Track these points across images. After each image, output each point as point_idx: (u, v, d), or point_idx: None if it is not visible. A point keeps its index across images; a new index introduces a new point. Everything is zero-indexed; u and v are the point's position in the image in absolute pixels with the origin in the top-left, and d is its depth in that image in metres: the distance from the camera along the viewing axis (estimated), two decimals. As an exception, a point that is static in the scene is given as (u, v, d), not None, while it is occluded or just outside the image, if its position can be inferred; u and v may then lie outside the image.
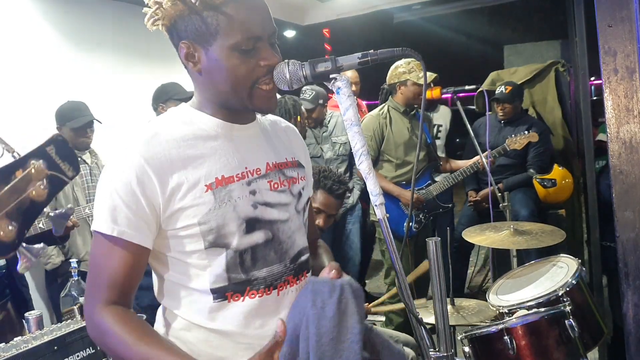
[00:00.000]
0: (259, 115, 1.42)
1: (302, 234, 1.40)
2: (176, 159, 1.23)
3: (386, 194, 3.90)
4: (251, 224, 1.27)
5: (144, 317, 1.95)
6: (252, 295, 1.28)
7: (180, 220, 1.23)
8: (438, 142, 4.81)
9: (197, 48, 1.25)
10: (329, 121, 4.44)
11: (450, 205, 4.32)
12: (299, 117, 3.81)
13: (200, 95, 1.33)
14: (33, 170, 1.13)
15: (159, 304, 1.38)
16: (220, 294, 1.27)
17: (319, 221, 2.56)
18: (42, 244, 1.23)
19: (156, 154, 1.22)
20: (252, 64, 1.24)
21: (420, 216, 4.01)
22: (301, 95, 4.28)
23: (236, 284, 1.27)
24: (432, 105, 4.82)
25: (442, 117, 4.83)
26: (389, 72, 4.05)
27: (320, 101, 4.28)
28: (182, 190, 1.22)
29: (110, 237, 1.21)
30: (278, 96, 4.28)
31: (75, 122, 3.51)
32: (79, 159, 3.62)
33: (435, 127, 4.75)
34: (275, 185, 1.34)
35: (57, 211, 1.37)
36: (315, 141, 4.35)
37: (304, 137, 3.94)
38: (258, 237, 1.29)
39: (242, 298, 1.28)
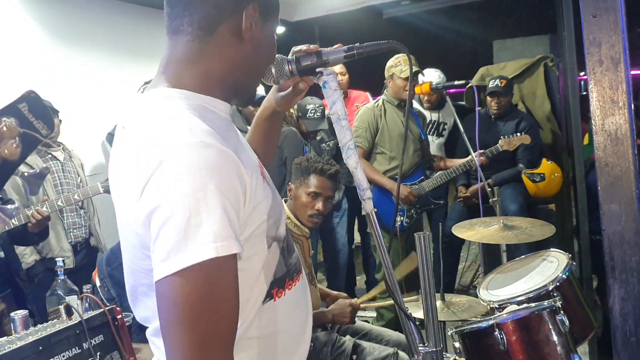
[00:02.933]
0: None
1: None
2: (234, 150, 1.00)
3: (381, 188, 3.93)
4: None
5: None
6: (290, 286, 1.19)
7: (253, 221, 1.05)
8: (442, 139, 4.82)
9: (259, 18, 1.12)
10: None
11: (442, 202, 4.33)
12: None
13: (218, 68, 1.10)
14: (5, 128, 1.08)
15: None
16: (269, 293, 1.13)
17: (319, 205, 2.61)
18: (16, 204, 1.19)
19: (232, 147, 0.99)
20: None
21: (412, 211, 4.01)
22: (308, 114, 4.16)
23: (279, 279, 1.16)
24: (440, 103, 4.80)
25: (448, 115, 4.82)
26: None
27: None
28: (253, 184, 1.03)
29: (234, 257, 0.94)
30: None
31: None
32: (50, 155, 3.55)
33: (441, 125, 4.76)
34: None
35: (32, 170, 1.32)
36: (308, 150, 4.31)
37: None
38: (285, 223, 1.22)
39: (284, 292, 1.17)
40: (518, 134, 4.12)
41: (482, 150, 3.96)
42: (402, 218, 3.97)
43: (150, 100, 1.08)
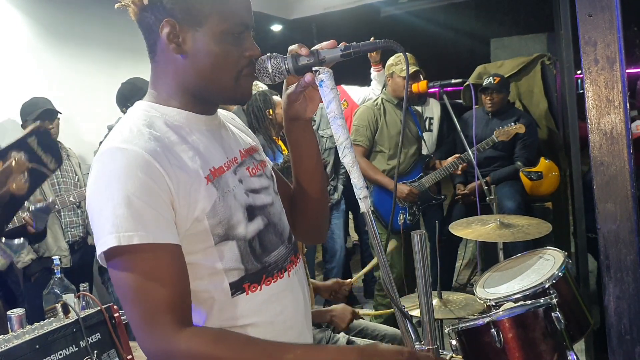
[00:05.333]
0: None
1: (285, 215, 1.41)
2: (170, 155, 1.16)
3: (382, 187, 3.94)
4: (251, 211, 1.26)
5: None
6: (268, 282, 1.27)
7: (188, 217, 1.16)
8: (430, 134, 4.83)
9: (185, 28, 1.18)
10: (315, 114, 4.41)
11: (442, 197, 4.34)
12: (270, 110, 3.76)
13: (171, 83, 1.24)
14: (13, 163, 1.08)
15: None
16: (238, 287, 1.23)
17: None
18: (22, 239, 1.19)
19: (155, 149, 1.13)
20: (238, 52, 1.22)
21: (414, 208, 4.03)
22: None
23: (253, 274, 1.25)
24: (422, 98, 4.82)
25: (432, 110, 4.83)
26: None
27: None
28: (186, 185, 1.15)
29: (147, 246, 1.09)
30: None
31: (32, 115, 3.49)
32: None
33: (427, 120, 4.77)
34: (254, 171, 1.34)
35: (38, 205, 1.31)
36: None
37: (279, 133, 3.90)
38: (258, 223, 1.28)
39: (259, 287, 1.26)
40: (512, 123, 4.13)
41: (478, 145, 3.98)
42: (404, 216, 3.98)
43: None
